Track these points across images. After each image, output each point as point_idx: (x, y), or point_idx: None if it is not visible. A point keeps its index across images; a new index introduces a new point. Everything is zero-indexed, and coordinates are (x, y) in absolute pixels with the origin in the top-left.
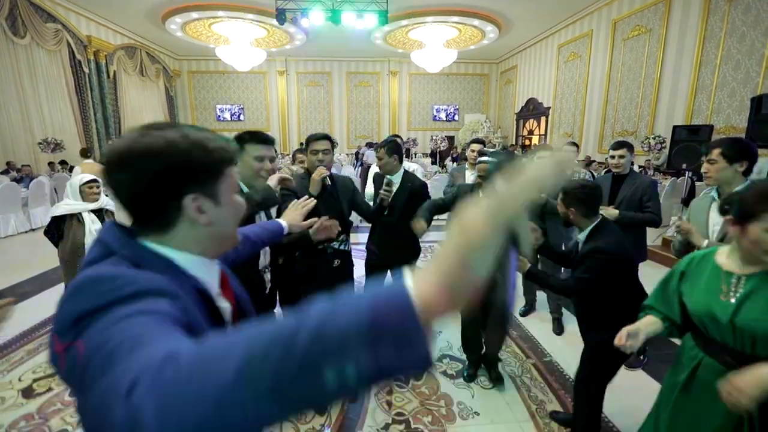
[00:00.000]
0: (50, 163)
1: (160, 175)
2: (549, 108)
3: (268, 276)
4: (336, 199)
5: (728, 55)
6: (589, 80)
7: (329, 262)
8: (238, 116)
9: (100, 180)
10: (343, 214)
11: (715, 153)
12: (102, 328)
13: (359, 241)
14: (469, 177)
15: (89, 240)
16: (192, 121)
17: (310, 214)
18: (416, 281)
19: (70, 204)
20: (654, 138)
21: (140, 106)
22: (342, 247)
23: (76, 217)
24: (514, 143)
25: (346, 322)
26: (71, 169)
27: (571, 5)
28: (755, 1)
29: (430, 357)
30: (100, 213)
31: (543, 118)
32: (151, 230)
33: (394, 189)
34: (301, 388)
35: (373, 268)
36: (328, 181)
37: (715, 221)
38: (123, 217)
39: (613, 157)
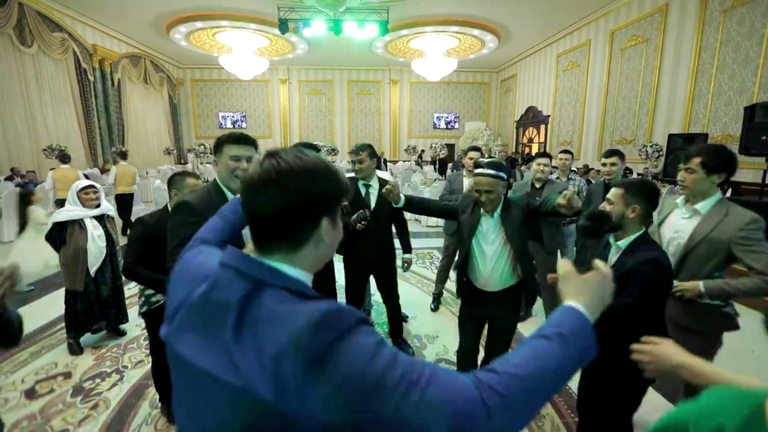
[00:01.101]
0: (52, 169)
1: (313, 198)
2: (548, 116)
3: None
4: None
5: (724, 64)
6: (588, 89)
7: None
8: (240, 124)
9: (97, 186)
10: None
11: (695, 162)
12: (360, 351)
13: None
14: (467, 183)
15: (91, 245)
16: (194, 129)
17: None
18: (587, 312)
19: (72, 210)
20: (651, 146)
21: (144, 114)
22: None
23: (78, 223)
24: (515, 151)
25: (580, 352)
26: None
27: (569, 15)
28: (749, 12)
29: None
30: (101, 219)
31: (543, 126)
32: (281, 248)
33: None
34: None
35: (356, 274)
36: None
37: (675, 227)
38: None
39: (605, 165)
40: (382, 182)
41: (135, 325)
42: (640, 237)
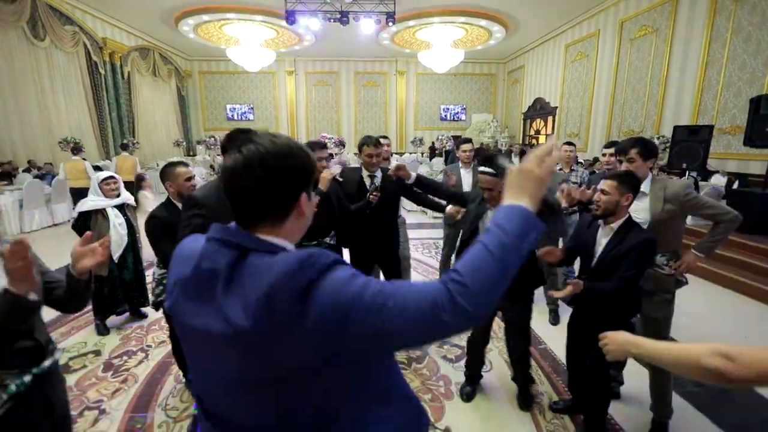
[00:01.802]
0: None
1: (291, 174)
2: (556, 108)
3: None
4: (328, 200)
5: (734, 54)
6: (596, 80)
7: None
8: (248, 116)
9: (116, 176)
10: (334, 212)
11: (633, 153)
12: (340, 288)
13: None
14: (464, 174)
15: (113, 233)
16: (202, 120)
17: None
18: (525, 203)
19: (94, 200)
20: (658, 138)
21: (153, 106)
22: (331, 242)
23: (101, 213)
24: (521, 143)
25: (523, 230)
26: (94, 168)
27: (578, 5)
28: (761, 1)
29: (541, 225)
30: (122, 208)
31: (550, 118)
32: (268, 223)
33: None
34: (517, 258)
35: (361, 265)
36: (339, 178)
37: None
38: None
39: (604, 155)
40: (385, 172)
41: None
42: (629, 220)
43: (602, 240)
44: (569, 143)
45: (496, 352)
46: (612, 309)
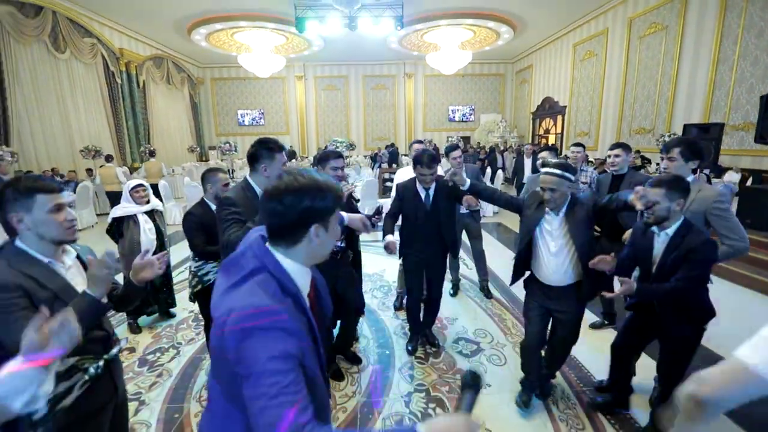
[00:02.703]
0: (88, 170)
1: (302, 212)
2: (565, 107)
3: None
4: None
5: (746, 51)
6: (606, 78)
7: (333, 254)
8: (259, 121)
9: (145, 184)
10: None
11: (675, 152)
12: (261, 353)
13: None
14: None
15: (143, 238)
16: (214, 125)
17: None
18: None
19: (126, 207)
20: (669, 136)
21: (167, 113)
22: (341, 245)
23: (132, 219)
24: (531, 143)
25: None
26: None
27: (585, 4)
28: None
29: None
30: (151, 214)
31: (559, 117)
32: (283, 243)
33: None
34: None
35: (412, 270)
36: (354, 197)
37: None
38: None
39: (609, 156)
40: (440, 181)
41: (182, 309)
42: (685, 222)
43: (660, 246)
44: (578, 144)
45: (510, 347)
46: (682, 314)
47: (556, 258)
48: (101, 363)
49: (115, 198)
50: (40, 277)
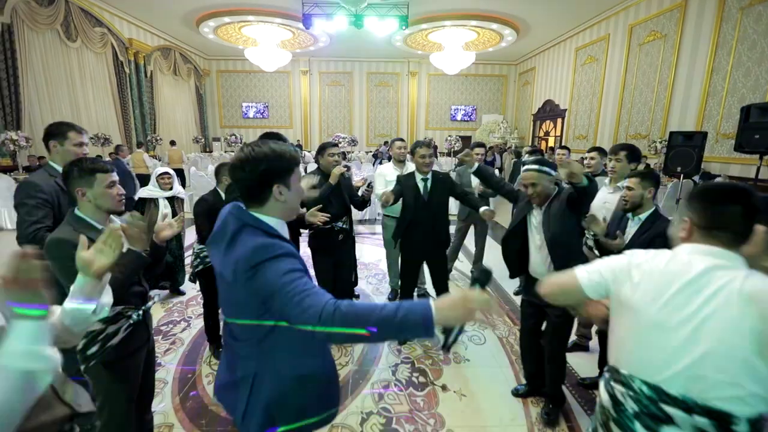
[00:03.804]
0: (98, 156)
1: (261, 175)
2: (565, 110)
3: None
4: (340, 192)
5: (739, 62)
6: (605, 83)
7: (336, 235)
8: (263, 114)
9: (171, 172)
10: (345, 202)
11: (621, 154)
12: (275, 273)
13: (376, 231)
14: (474, 177)
15: (160, 220)
16: (219, 118)
17: (322, 202)
18: (436, 307)
19: (151, 190)
20: (660, 141)
21: (173, 104)
22: (344, 226)
23: (154, 202)
24: (530, 144)
25: (413, 320)
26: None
27: (588, 9)
28: (766, 10)
29: (434, 333)
30: (172, 200)
31: (559, 120)
32: (255, 204)
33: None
34: (387, 338)
35: (410, 259)
36: (347, 174)
37: (603, 199)
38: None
39: (585, 158)
40: (435, 174)
41: (191, 288)
42: (655, 211)
43: (631, 231)
44: (564, 147)
45: (490, 330)
46: None
47: (540, 252)
48: (140, 312)
49: (142, 180)
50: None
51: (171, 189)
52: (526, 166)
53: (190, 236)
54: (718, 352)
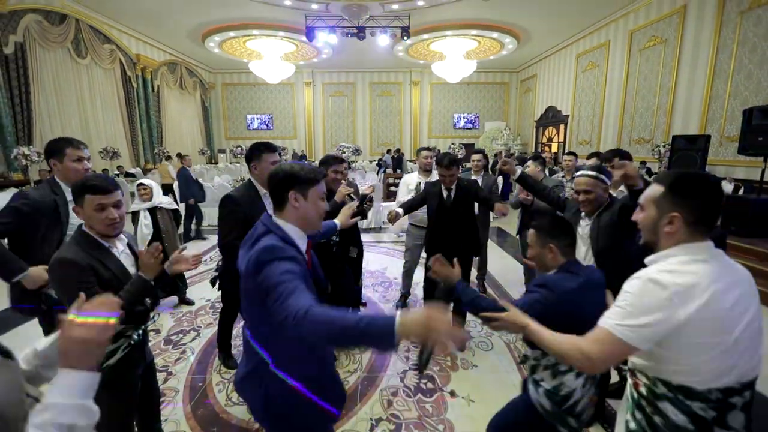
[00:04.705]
0: (104, 170)
1: (282, 179)
2: (568, 116)
3: None
4: (335, 206)
5: (740, 65)
6: (607, 89)
7: (330, 247)
8: (267, 125)
9: (146, 183)
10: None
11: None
12: (274, 272)
13: (382, 239)
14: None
15: (139, 233)
16: (224, 129)
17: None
18: (400, 322)
19: (136, 203)
20: (663, 146)
21: (179, 117)
22: (336, 239)
23: (137, 213)
24: (534, 150)
25: (374, 331)
26: (126, 174)
27: (588, 16)
28: (765, 13)
29: (396, 347)
30: (153, 211)
31: (562, 126)
32: (278, 210)
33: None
34: (349, 345)
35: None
36: (352, 197)
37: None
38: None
39: (565, 160)
40: (461, 183)
41: (200, 298)
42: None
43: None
44: (571, 153)
45: (497, 336)
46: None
47: (584, 263)
48: (141, 331)
49: (165, 189)
50: (102, 259)
51: (150, 200)
52: (581, 172)
53: (193, 248)
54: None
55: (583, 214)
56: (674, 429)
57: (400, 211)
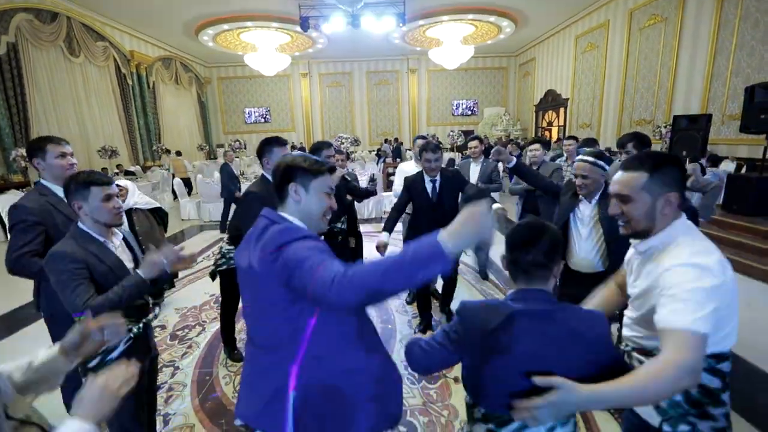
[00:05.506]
0: (103, 169)
1: (283, 171)
2: (567, 99)
3: None
4: (338, 192)
5: (742, 41)
6: (607, 70)
7: (335, 237)
8: (265, 118)
9: (122, 185)
10: (343, 202)
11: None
12: (297, 249)
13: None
14: (473, 168)
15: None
16: (222, 124)
17: None
18: (442, 233)
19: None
20: (664, 126)
21: (176, 113)
22: (342, 227)
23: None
24: (534, 135)
25: (424, 253)
26: (126, 173)
27: None
28: None
29: (450, 259)
30: (129, 213)
31: (562, 109)
32: (280, 203)
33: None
34: (406, 283)
35: None
36: (347, 177)
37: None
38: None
39: (530, 150)
40: (444, 173)
41: (204, 293)
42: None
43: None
44: (572, 137)
45: None
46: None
47: (586, 243)
48: (141, 325)
49: (185, 183)
50: (98, 254)
51: (124, 201)
52: (580, 156)
53: (192, 246)
54: None
55: (581, 196)
56: (707, 393)
57: (386, 238)
